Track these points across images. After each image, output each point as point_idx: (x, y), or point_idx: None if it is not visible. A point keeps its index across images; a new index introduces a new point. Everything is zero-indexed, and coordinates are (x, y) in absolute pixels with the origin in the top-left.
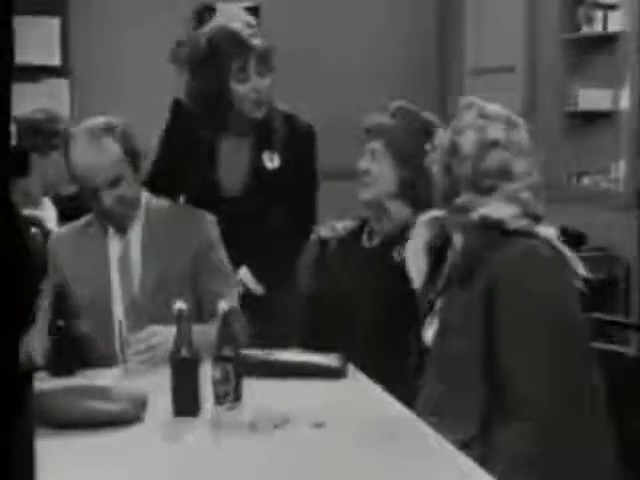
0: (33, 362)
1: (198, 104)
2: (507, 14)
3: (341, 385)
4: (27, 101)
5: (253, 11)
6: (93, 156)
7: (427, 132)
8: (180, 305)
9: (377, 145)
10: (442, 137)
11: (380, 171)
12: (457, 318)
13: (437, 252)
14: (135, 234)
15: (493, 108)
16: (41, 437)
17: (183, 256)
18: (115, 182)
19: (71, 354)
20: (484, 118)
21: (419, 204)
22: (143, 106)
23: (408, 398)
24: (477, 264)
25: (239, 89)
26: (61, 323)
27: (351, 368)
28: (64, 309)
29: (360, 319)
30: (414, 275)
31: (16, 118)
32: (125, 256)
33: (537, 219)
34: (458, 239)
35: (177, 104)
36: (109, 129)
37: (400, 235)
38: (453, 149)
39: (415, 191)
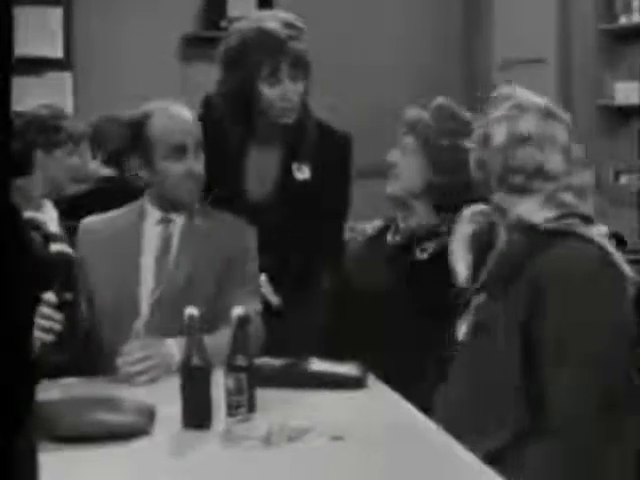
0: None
1: (227, 104)
2: (539, 2)
3: (361, 396)
4: (28, 94)
5: (266, 2)
6: (182, 116)
7: (463, 134)
8: (191, 311)
9: (410, 140)
10: (477, 128)
11: (408, 167)
12: (497, 320)
13: (480, 247)
14: (177, 226)
15: (531, 98)
16: (44, 450)
17: (215, 260)
18: (198, 147)
19: (79, 336)
20: (518, 109)
21: (445, 209)
22: (148, 99)
23: (428, 398)
24: (521, 266)
25: (268, 93)
26: (69, 297)
27: (371, 378)
28: (72, 280)
29: (378, 316)
30: (460, 271)
31: (20, 113)
32: (166, 247)
33: (585, 220)
34: (503, 235)
35: (207, 101)
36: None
37: (425, 234)
38: (485, 141)
39: (442, 196)
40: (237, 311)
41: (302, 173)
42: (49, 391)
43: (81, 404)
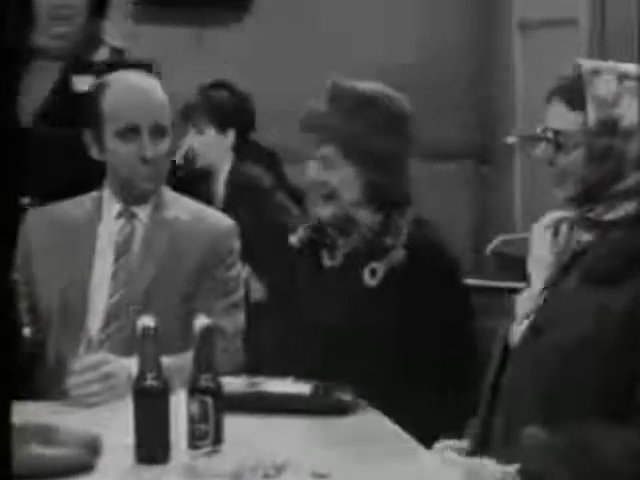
0: None
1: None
2: None
3: (348, 423)
4: None
5: None
6: (141, 91)
7: (387, 116)
8: (146, 321)
9: (329, 150)
10: (569, 117)
11: (340, 182)
12: (580, 328)
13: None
14: (142, 221)
15: (627, 66)
16: None
17: (187, 263)
18: (158, 131)
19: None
20: (631, 79)
21: (393, 205)
22: None
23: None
24: (632, 262)
25: None
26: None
27: (362, 402)
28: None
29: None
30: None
31: None
32: (126, 246)
33: None
34: (591, 235)
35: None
36: (155, 76)
37: (370, 252)
38: (610, 126)
39: (387, 192)
40: (201, 321)
41: (82, 85)
42: None
43: None
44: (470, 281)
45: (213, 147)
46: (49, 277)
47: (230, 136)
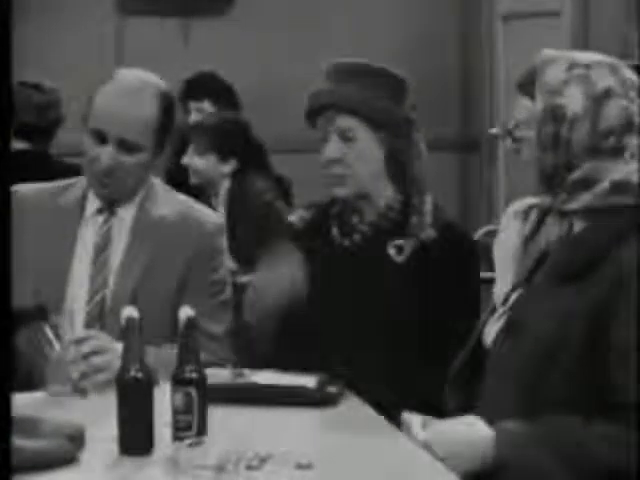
0: None
1: None
2: None
3: (332, 414)
4: None
5: None
6: (124, 95)
7: (396, 87)
8: (130, 312)
9: (348, 121)
10: (522, 107)
11: (360, 154)
12: (548, 326)
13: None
14: (125, 220)
15: (583, 55)
16: None
17: (172, 266)
18: (123, 145)
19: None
20: (582, 67)
21: (413, 185)
22: (76, 62)
23: None
24: (599, 258)
25: None
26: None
27: (346, 393)
28: None
29: (352, 345)
30: (499, 285)
31: None
32: (104, 243)
33: None
34: (578, 224)
35: None
36: (152, 85)
37: (392, 224)
38: (556, 114)
39: (407, 163)
40: (185, 312)
41: None
42: None
43: None
44: None
45: (213, 171)
46: (26, 269)
47: (231, 164)
